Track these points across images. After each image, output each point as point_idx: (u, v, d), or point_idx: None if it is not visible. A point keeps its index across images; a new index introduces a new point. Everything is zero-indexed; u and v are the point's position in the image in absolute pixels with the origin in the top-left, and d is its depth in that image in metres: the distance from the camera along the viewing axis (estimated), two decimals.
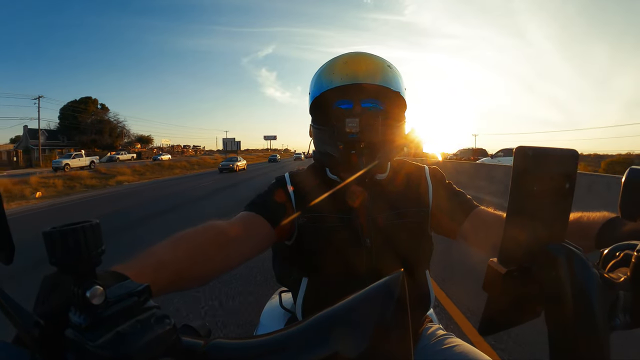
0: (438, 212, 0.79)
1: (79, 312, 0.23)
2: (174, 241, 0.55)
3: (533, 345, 1.94)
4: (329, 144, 0.77)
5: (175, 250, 0.53)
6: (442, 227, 0.80)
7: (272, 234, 0.71)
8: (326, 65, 0.79)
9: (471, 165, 11.09)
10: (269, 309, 1.03)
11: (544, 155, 0.29)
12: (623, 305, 0.30)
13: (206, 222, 0.62)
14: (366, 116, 0.75)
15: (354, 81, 0.73)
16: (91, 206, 9.52)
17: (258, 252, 0.68)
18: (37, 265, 3.38)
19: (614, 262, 0.34)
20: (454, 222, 0.76)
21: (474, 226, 0.73)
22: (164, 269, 0.48)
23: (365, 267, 0.74)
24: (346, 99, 0.77)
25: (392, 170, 0.83)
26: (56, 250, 0.23)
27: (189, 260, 0.53)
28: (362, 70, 0.74)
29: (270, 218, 0.71)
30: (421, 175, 0.83)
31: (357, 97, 0.76)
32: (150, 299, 0.25)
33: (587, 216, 0.54)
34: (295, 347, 0.24)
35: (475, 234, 0.73)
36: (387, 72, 0.75)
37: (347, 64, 0.75)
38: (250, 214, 0.71)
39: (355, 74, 0.73)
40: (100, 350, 0.21)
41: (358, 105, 0.76)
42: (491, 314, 0.32)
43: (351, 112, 0.76)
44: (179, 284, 0.51)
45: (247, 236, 0.66)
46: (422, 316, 0.84)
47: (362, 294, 0.25)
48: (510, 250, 0.30)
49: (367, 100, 0.76)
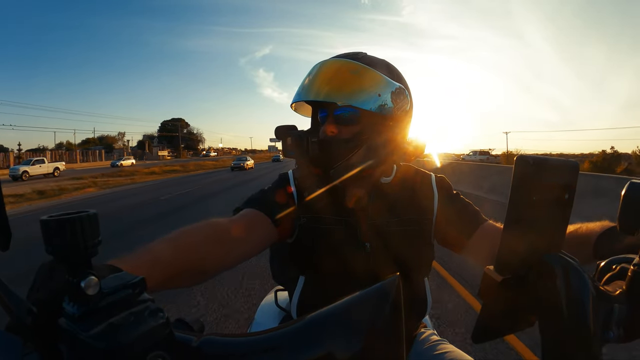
0: (443, 223, 0.78)
1: (73, 301, 0.23)
2: (173, 237, 0.55)
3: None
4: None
5: (173, 246, 0.53)
6: (447, 239, 0.79)
7: (273, 232, 0.70)
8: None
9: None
10: (264, 307, 1.03)
11: (544, 165, 0.29)
12: (617, 318, 0.30)
13: (208, 219, 0.62)
14: (326, 144, 0.71)
15: (307, 98, 0.71)
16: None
17: (259, 250, 0.68)
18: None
19: (610, 275, 0.34)
20: (461, 236, 0.74)
21: (482, 241, 0.71)
22: (160, 265, 0.48)
23: (362, 270, 0.73)
24: (322, 108, 0.74)
25: (397, 174, 0.81)
26: (52, 239, 0.23)
27: (186, 258, 0.53)
28: (317, 85, 0.70)
29: (273, 216, 0.70)
30: (426, 183, 0.82)
31: (330, 106, 0.72)
32: (144, 292, 0.25)
33: (586, 226, 0.54)
34: (288, 346, 0.24)
35: (482, 251, 0.71)
36: (349, 83, 0.69)
37: (309, 76, 0.73)
38: (253, 211, 0.71)
39: (310, 89, 0.71)
40: (93, 340, 0.21)
41: (331, 114, 0.72)
42: (485, 322, 0.32)
43: (326, 122, 0.72)
44: (176, 281, 0.51)
45: (249, 234, 0.65)
46: (417, 322, 0.84)
47: (357, 295, 0.25)
48: (507, 259, 0.30)
49: (340, 108, 0.71)
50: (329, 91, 0.69)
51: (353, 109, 0.70)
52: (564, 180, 0.29)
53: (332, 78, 0.70)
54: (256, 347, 0.25)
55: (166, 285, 0.49)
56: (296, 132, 0.75)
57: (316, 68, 0.73)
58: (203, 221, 0.61)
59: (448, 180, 0.84)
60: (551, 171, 0.29)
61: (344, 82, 0.69)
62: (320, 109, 0.75)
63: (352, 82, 0.69)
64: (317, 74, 0.71)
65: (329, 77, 0.70)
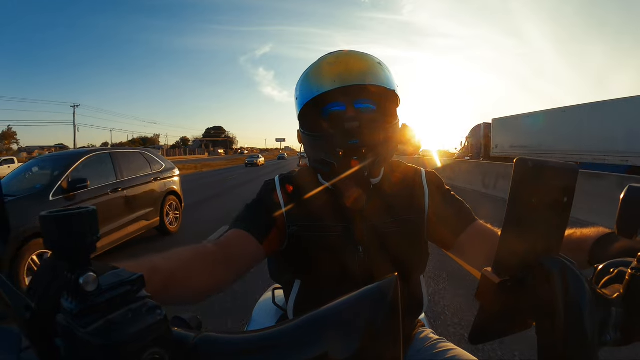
0: (434, 220, 0.77)
1: (71, 298, 0.23)
2: (169, 253, 0.56)
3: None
4: (325, 151, 0.72)
5: (169, 259, 0.55)
6: (437, 236, 0.78)
7: (260, 250, 0.70)
8: (312, 67, 0.75)
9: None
10: (261, 305, 1.03)
11: (543, 168, 0.29)
12: (615, 321, 0.30)
13: (196, 243, 0.62)
14: (364, 119, 0.71)
15: (346, 83, 0.68)
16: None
17: (248, 269, 0.68)
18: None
19: (607, 279, 0.34)
20: (451, 234, 0.74)
21: (471, 241, 0.71)
22: (158, 272, 0.49)
23: (358, 272, 0.73)
24: (338, 101, 0.73)
25: (385, 173, 0.80)
26: (51, 234, 0.23)
27: (182, 271, 0.54)
28: (353, 70, 0.70)
29: (257, 234, 0.70)
30: (417, 179, 0.81)
31: (349, 98, 0.73)
32: (142, 289, 0.25)
33: (580, 231, 0.54)
34: (285, 346, 0.24)
35: (471, 250, 0.71)
36: (378, 70, 0.72)
37: (335, 65, 0.71)
38: (238, 231, 0.70)
39: (346, 75, 0.69)
40: (91, 337, 0.21)
41: (351, 106, 0.73)
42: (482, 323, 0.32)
43: (345, 114, 0.73)
44: (172, 292, 0.52)
45: (235, 256, 0.66)
46: (414, 320, 0.84)
47: (354, 296, 0.25)
48: (505, 261, 0.30)
49: (359, 100, 0.73)
50: (376, 76, 0.71)
51: (370, 101, 0.74)
52: (563, 183, 0.29)
53: (369, 66, 0.72)
54: (254, 345, 0.25)
55: (162, 295, 0.49)
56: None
57: (340, 56, 0.74)
58: (193, 245, 0.61)
59: (439, 176, 0.83)
60: (550, 174, 0.29)
61: (381, 71, 0.73)
62: (335, 102, 0.73)
63: (385, 72, 0.74)
64: (347, 62, 0.72)
65: (365, 65, 0.72)
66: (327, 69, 0.72)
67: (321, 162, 0.74)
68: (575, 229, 0.55)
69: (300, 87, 0.75)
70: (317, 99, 0.72)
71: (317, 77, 0.72)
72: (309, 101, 0.72)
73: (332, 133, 0.71)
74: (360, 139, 0.69)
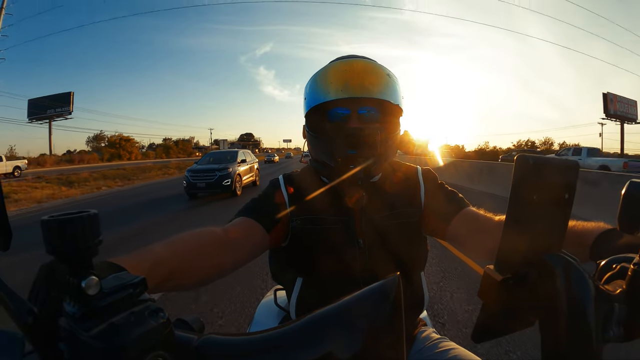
0: (429, 213, 0.79)
1: (74, 301, 0.23)
2: (172, 241, 0.56)
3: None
4: (326, 154, 0.76)
5: (172, 249, 0.55)
6: (430, 226, 0.79)
7: (266, 238, 0.71)
8: (321, 72, 0.77)
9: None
10: (263, 306, 1.03)
11: (544, 165, 0.29)
12: (618, 317, 0.30)
13: (203, 227, 0.63)
14: (365, 130, 0.73)
15: (353, 95, 0.71)
16: None
17: (252, 257, 0.69)
18: None
19: (610, 274, 0.34)
20: (443, 221, 0.75)
21: (464, 226, 0.72)
22: (160, 265, 0.49)
23: (359, 269, 0.74)
24: (343, 107, 0.75)
25: (384, 171, 0.82)
26: (53, 239, 0.23)
27: (185, 260, 0.55)
28: (363, 82, 0.71)
29: (265, 223, 0.71)
30: (413, 176, 0.83)
31: (354, 105, 0.75)
32: (145, 292, 0.25)
33: (582, 225, 0.54)
34: (288, 346, 0.24)
35: (464, 234, 0.72)
36: (387, 83, 0.74)
37: (346, 73, 0.73)
38: (246, 219, 0.72)
39: (354, 87, 0.71)
40: (93, 340, 0.21)
41: (355, 112, 0.75)
42: (485, 321, 0.32)
43: (348, 120, 0.74)
44: (175, 282, 0.52)
45: (242, 242, 0.67)
46: (416, 317, 0.85)
47: (357, 295, 0.25)
48: (507, 258, 0.30)
49: (364, 107, 0.75)
50: (383, 91, 0.73)
51: (374, 109, 0.76)
52: (564, 179, 0.29)
53: (378, 79, 0.73)
54: (256, 346, 0.25)
55: (166, 286, 0.50)
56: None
57: (352, 64, 0.75)
58: (198, 229, 0.62)
59: (433, 172, 0.86)
60: (551, 171, 0.29)
61: (390, 84, 0.74)
62: (340, 107, 0.75)
63: (394, 85, 0.75)
64: (358, 73, 0.73)
65: (374, 78, 0.73)
66: (336, 76, 0.73)
67: (321, 163, 0.79)
68: (574, 221, 0.55)
69: (309, 90, 0.78)
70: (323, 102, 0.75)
71: (325, 83, 0.74)
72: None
73: (334, 138, 0.74)
74: (358, 151, 0.72)
